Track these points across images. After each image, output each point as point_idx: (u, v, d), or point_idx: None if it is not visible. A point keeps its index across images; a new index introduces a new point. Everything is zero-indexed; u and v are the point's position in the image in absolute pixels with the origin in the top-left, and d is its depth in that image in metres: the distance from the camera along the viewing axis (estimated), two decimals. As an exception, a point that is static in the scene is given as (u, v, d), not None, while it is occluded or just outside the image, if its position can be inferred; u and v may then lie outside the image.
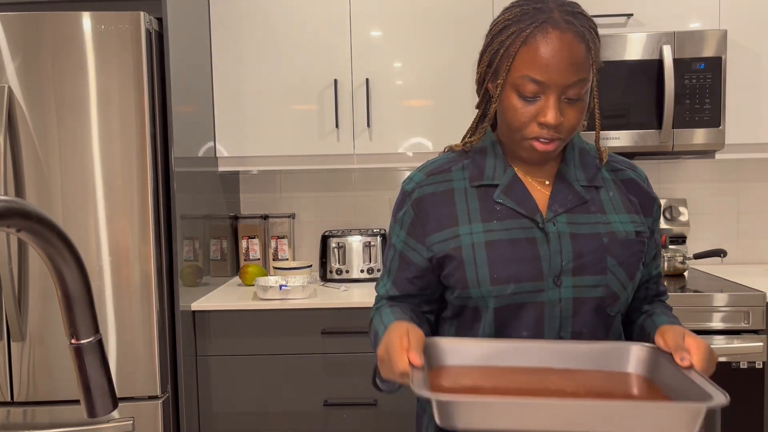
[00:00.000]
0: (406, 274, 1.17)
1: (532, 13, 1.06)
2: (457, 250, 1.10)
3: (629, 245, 1.11)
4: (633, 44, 2.44)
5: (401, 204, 1.18)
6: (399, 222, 1.19)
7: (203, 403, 2.39)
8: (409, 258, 1.16)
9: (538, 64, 1.02)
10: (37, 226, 0.62)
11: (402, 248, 1.18)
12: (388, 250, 1.22)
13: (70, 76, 2.09)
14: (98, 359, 0.68)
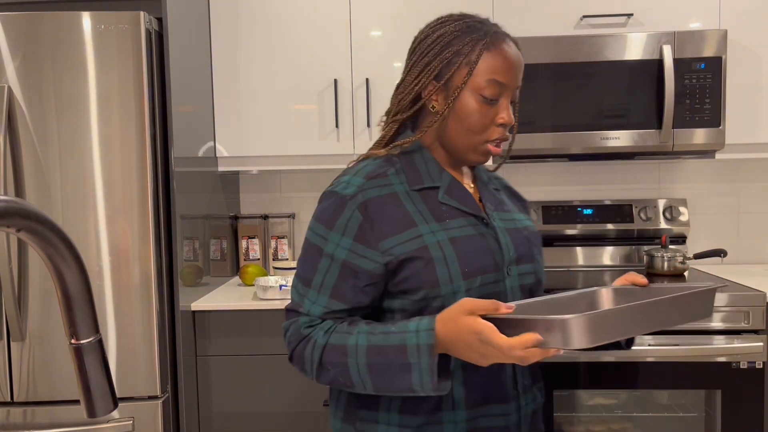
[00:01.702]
0: (356, 283, 1.08)
1: (478, 25, 1.12)
2: (422, 250, 1.08)
3: (537, 238, 1.25)
4: (633, 44, 2.44)
5: (339, 209, 1.10)
6: (339, 229, 1.09)
7: (203, 403, 2.39)
8: (357, 266, 1.08)
9: (503, 67, 1.10)
10: (37, 226, 0.62)
11: (346, 256, 1.08)
12: (314, 261, 1.10)
13: (70, 76, 2.09)
14: (98, 359, 0.68)
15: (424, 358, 0.98)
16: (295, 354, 1.11)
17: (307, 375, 1.11)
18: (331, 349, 1.05)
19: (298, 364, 1.11)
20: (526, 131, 2.48)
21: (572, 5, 2.55)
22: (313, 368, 1.08)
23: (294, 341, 1.10)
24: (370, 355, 1.02)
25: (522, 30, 2.55)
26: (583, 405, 2.40)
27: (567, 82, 2.45)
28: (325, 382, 1.10)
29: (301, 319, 1.10)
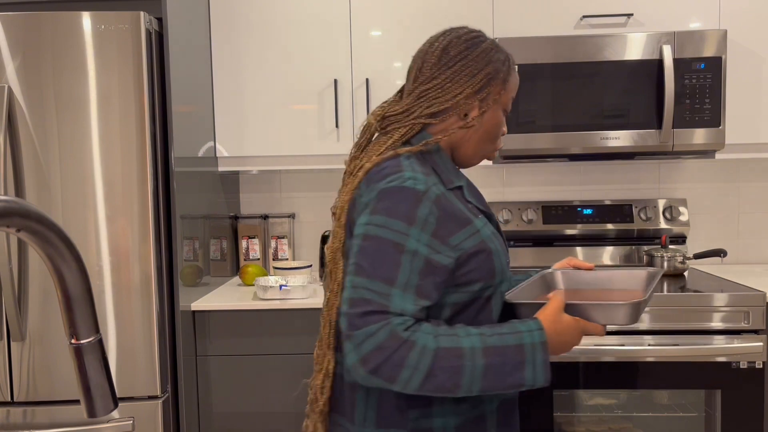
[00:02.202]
0: (435, 279, 1.08)
1: (497, 48, 1.23)
2: (482, 244, 1.15)
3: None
4: (633, 44, 2.44)
5: (416, 205, 1.08)
6: (419, 224, 1.07)
7: (203, 403, 2.39)
8: (437, 261, 1.08)
9: (517, 87, 1.26)
10: (36, 226, 0.62)
11: (427, 252, 1.07)
12: (395, 258, 1.06)
13: (70, 76, 2.09)
14: (98, 359, 0.68)
15: (539, 354, 1.06)
16: (389, 361, 1.01)
17: (393, 384, 1.03)
18: (443, 354, 1.02)
19: (387, 372, 1.01)
20: (526, 131, 2.48)
21: (572, 5, 2.55)
22: (414, 375, 1.01)
23: (391, 346, 1.01)
24: (488, 356, 1.04)
25: (522, 30, 2.55)
26: (583, 405, 2.40)
27: (567, 82, 2.45)
28: (420, 389, 1.03)
29: (395, 320, 1.02)
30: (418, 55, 1.22)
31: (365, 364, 1.02)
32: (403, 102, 1.21)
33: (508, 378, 1.04)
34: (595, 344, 2.20)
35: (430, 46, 1.21)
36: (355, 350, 1.02)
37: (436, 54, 1.19)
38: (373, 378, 1.02)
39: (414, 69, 1.22)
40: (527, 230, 2.85)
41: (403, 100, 1.23)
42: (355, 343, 1.02)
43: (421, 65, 1.20)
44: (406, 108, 1.20)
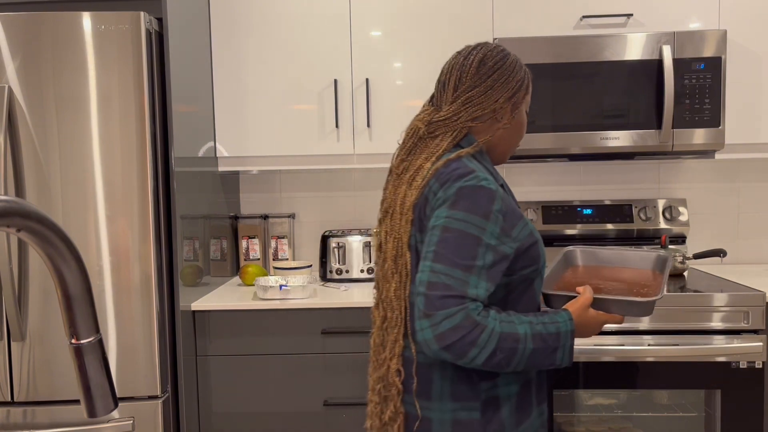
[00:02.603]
0: (500, 267, 1.24)
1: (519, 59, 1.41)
2: (532, 235, 1.32)
3: None
4: (633, 44, 2.44)
5: (491, 202, 1.24)
6: (492, 219, 1.23)
7: (203, 403, 2.39)
8: (503, 252, 1.25)
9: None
10: (37, 226, 0.62)
11: (496, 243, 1.23)
12: (473, 249, 1.21)
13: (70, 76, 2.09)
14: (98, 359, 0.68)
15: (569, 341, 1.26)
16: (462, 341, 1.17)
17: (460, 359, 1.19)
18: (506, 337, 1.20)
19: (459, 350, 1.18)
20: (527, 131, 2.47)
21: (572, 5, 2.55)
22: (481, 353, 1.19)
23: (466, 327, 1.17)
24: (535, 341, 1.23)
25: (522, 30, 2.55)
26: (583, 405, 2.40)
27: (567, 82, 2.45)
28: (481, 365, 1.20)
29: (471, 305, 1.19)
30: (453, 67, 1.37)
31: (440, 340, 1.17)
32: (447, 108, 1.35)
33: (546, 360, 1.24)
34: (595, 344, 2.20)
35: (465, 59, 1.36)
36: (431, 327, 1.18)
37: (474, 65, 1.35)
38: (443, 353, 1.18)
39: (452, 80, 1.36)
40: (527, 230, 2.84)
41: (445, 107, 1.36)
42: (433, 322, 1.18)
43: (459, 76, 1.35)
44: (453, 113, 1.34)
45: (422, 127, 1.36)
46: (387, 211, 1.35)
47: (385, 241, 1.34)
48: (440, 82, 1.39)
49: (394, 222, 1.32)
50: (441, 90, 1.39)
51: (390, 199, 1.35)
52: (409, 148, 1.37)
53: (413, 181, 1.31)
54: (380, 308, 1.36)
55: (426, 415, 1.31)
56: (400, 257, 1.31)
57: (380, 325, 1.36)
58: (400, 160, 1.37)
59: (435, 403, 1.31)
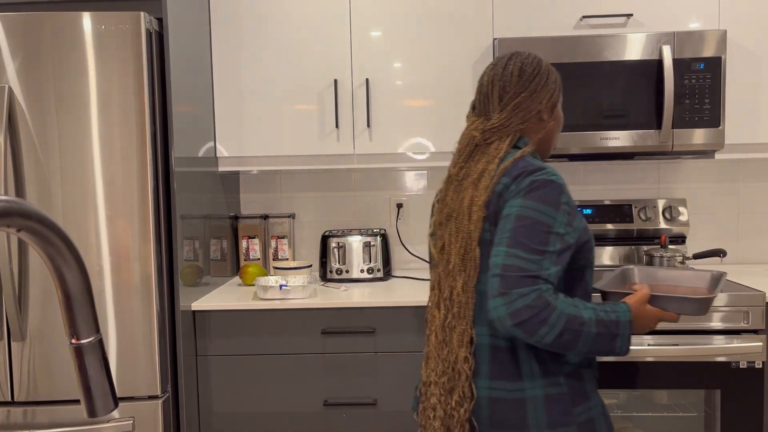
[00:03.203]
0: (567, 255, 1.34)
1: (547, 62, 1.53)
2: (587, 227, 1.42)
3: None
4: (633, 44, 2.44)
5: (560, 194, 1.35)
6: (562, 210, 1.33)
7: (203, 403, 2.39)
8: (568, 241, 1.34)
9: None
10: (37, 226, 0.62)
11: (564, 232, 1.33)
12: (545, 236, 1.31)
13: (70, 76, 2.09)
14: (98, 359, 0.68)
15: (627, 330, 1.33)
16: (534, 318, 1.26)
17: (530, 337, 1.27)
18: (572, 319, 1.28)
19: (530, 328, 1.26)
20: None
21: (572, 5, 2.55)
22: (550, 332, 1.27)
23: (538, 306, 1.26)
24: (598, 326, 1.30)
25: (522, 30, 2.55)
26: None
27: (567, 82, 2.45)
28: (548, 344, 1.29)
29: (544, 286, 1.28)
30: (494, 79, 1.48)
31: (513, 317, 1.26)
32: (498, 116, 1.46)
33: (607, 345, 1.32)
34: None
35: (504, 69, 1.47)
36: (506, 305, 1.27)
37: (515, 74, 1.47)
38: (515, 329, 1.27)
39: (495, 90, 1.47)
40: (527, 230, 2.84)
41: (495, 115, 1.47)
42: (508, 300, 1.27)
43: (502, 86, 1.47)
44: (504, 120, 1.46)
45: (478, 135, 1.47)
46: (450, 215, 1.44)
47: (450, 243, 1.43)
48: (482, 94, 1.50)
49: (461, 223, 1.41)
50: (485, 101, 1.49)
51: (453, 204, 1.45)
52: (467, 156, 1.47)
53: (479, 183, 1.41)
54: (442, 307, 1.44)
55: (517, 396, 1.38)
56: (469, 253, 1.39)
57: (442, 323, 1.44)
58: (459, 167, 1.47)
59: (527, 383, 1.38)
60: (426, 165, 2.65)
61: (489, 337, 1.42)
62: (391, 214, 3.00)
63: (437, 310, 1.46)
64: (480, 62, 2.58)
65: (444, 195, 1.49)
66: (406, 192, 3.00)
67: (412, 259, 3.01)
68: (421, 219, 3.00)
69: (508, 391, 1.38)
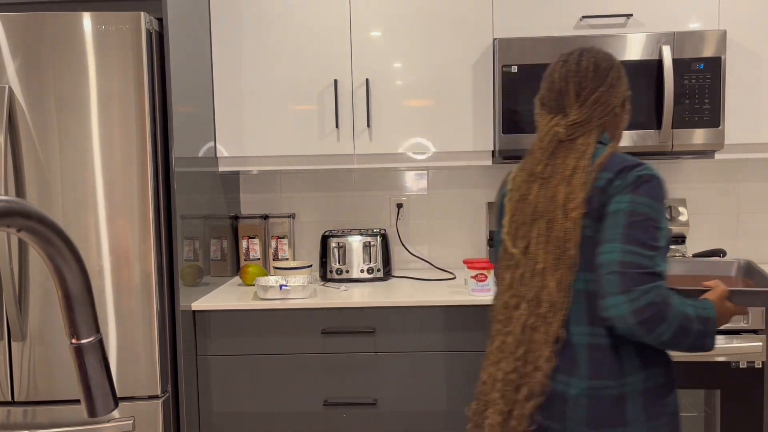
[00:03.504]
0: (667, 251, 1.35)
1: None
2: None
3: None
4: (632, 44, 2.44)
5: (662, 189, 1.36)
6: (664, 206, 1.34)
7: (203, 402, 2.40)
8: (669, 236, 1.36)
9: None
10: (37, 226, 0.62)
11: (666, 228, 1.34)
12: (655, 232, 1.32)
13: (70, 76, 2.09)
14: (98, 359, 0.68)
15: (714, 326, 1.33)
16: (656, 316, 1.26)
17: (649, 334, 1.26)
18: (684, 317, 1.28)
19: (652, 325, 1.26)
20: (527, 131, 2.48)
21: (572, 6, 2.55)
22: (670, 329, 1.27)
23: (659, 303, 1.26)
24: (699, 323, 1.30)
25: (522, 30, 2.55)
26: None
27: (567, 82, 2.45)
28: (663, 342, 1.29)
29: (661, 283, 1.28)
30: (568, 75, 1.46)
31: (636, 315, 1.26)
32: (578, 111, 1.45)
33: (700, 342, 1.31)
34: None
35: (577, 65, 1.46)
36: (628, 303, 1.26)
37: (591, 70, 1.46)
38: (637, 327, 1.26)
39: (570, 86, 1.46)
40: (527, 230, 2.85)
41: (574, 111, 1.45)
42: (631, 297, 1.26)
43: (579, 81, 1.45)
44: (586, 116, 1.45)
45: (561, 131, 1.44)
46: (538, 213, 1.41)
47: (538, 242, 1.40)
48: (554, 90, 1.48)
49: (553, 221, 1.38)
50: (559, 97, 1.47)
51: (538, 203, 1.42)
52: (550, 153, 1.44)
53: (572, 180, 1.38)
54: (523, 307, 1.41)
55: (619, 392, 1.36)
56: (566, 252, 1.37)
57: (523, 324, 1.40)
58: (544, 164, 1.44)
59: (628, 378, 1.36)
60: (426, 165, 2.65)
61: (587, 336, 1.38)
62: (391, 214, 3.00)
63: (515, 310, 1.43)
64: (480, 62, 2.59)
65: (525, 193, 1.45)
66: (406, 192, 3.00)
67: (412, 259, 3.01)
68: (421, 219, 3.00)
69: (610, 388, 1.36)
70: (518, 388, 1.39)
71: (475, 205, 2.98)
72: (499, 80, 2.48)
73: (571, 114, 1.45)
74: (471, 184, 2.98)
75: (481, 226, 2.99)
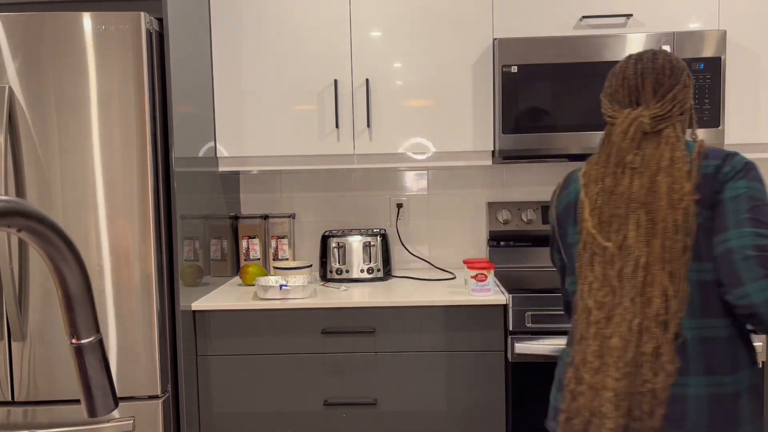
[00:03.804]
0: None
1: None
2: None
3: None
4: (633, 44, 2.44)
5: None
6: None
7: (203, 402, 2.40)
8: None
9: None
10: (37, 226, 0.62)
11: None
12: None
13: (70, 76, 2.10)
14: (99, 359, 0.68)
15: None
16: None
17: None
18: None
19: None
20: (526, 131, 2.48)
21: (572, 6, 2.55)
22: None
23: None
24: None
25: (522, 30, 2.55)
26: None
27: (567, 82, 2.46)
28: None
29: None
30: (644, 71, 1.46)
31: None
32: (659, 105, 1.44)
33: None
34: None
35: (653, 63, 1.47)
36: None
37: (667, 67, 1.47)
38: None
39: (647, 82, 1.46)
40: (526, 230, 2.85)
41: (655, 104, 1.44)
42: None
43: (656, 78, 1.46)
44: (669, 109, 1.44)
45: (646, 122, 1.42)
46: (636, 204, 1.35)
47: (639, 235, 1.33)
48: (629, 86, 1.48)
49: (656, 212, 1.33)
50: (634, 92, 1.47)
51: (632, 193, 1.36)
52: (638, 143, 1.41)
53: (672, 170, 1.35)
54: (625, 306, 1.33)
55: (733, 389, 1.31)
56: (676, 244, 1.31)
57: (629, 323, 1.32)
58: (633, 154, 1.40)
59: (742, 373, 1.32)
60: (426, 165, 2.65)
61: (699, 329, 1.32)
62: (391, 214, 3.00)
63: (615, 309, 1.34)
64: (480, 62, 2.59)
65: (613, 185, 1.39)
66: (406, 192, 3.00)
67: (412, 259, 3.01)
68: (421, 219, 3.00)
69: (726, 385, 1.30)
70: (635, 397, 1.30)
71: (475, 205, 2.98)
72: (499, 80, 2.48)
73: (652, 108, 1.44)
74: (471, 184, 2.98)
75: (481, 226, 2.99)
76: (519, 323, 2.28)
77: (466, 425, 2.37)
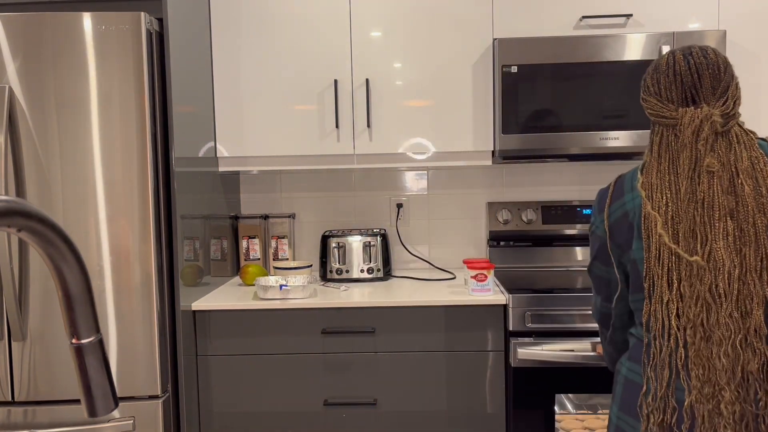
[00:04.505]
0: None
1: None
2: None
3: None
4: (632, 44, 2.44)
5: None
6: None
7: (203, 402, 2.40)
8: None
9: None
10: (37, 226, 0.62)
11: None
12: None
13: (70, 76, 2.10)
14: (99, 359, 0.69)
15: None
16: None
17: None
18: None
19: None
20: (526, 131, 2.48)
21: (572, 6, 2.55)
22: None
23: None
24: None
25: (522, 30, 2.55)
26: (583, 405, 2.40)
27: (567, 82, 2.46)
28: None
29: None
30: (699, 68, 1.40)
31: None
32: (723, 103, 1.39)
33: None
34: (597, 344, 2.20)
35: (706, 59, 1.41)
36: None
37: (721, 65, 1.41)
38: None
39: (704, 79, 1.40)
40: (526, 230, 2.85)
41: (719, 103, 1.39)
42: None
43: (713, 74, 1.40)
44: (732, 107, 1.40)
45: (719, 121, 1.35)
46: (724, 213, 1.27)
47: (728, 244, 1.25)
48: (683, 83, 1.40)
49: (747, 218, 1.26)
50: (690, 89, 1.40)
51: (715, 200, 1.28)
52: (711, 144, 1.34)
53: (753, 171, 1.30)
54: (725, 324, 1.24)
55: None
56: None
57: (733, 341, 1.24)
58: (710, 156, 1.33)
59: None
60: (426, 165, 2.65)
61: None
62: (391, 214, 3.00)
63: (718, 329, 1.24)
64: (480, 62, 2.59)
65: (689, 193, 1.30)
66: (406, 192, 3.00)
67: (412, 259, 3.01)
68: (421, 219, 3.00)
69: None
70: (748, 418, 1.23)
71: (475, 205, 2.98)
72: (499, 80, 2.48)
73: (717, 105, 1.37)
74: (471, 184, 2.98)
75: (481, 226, 2.99)
76: (519, 323, 2.28)
77: (466, 425, 2.37)
